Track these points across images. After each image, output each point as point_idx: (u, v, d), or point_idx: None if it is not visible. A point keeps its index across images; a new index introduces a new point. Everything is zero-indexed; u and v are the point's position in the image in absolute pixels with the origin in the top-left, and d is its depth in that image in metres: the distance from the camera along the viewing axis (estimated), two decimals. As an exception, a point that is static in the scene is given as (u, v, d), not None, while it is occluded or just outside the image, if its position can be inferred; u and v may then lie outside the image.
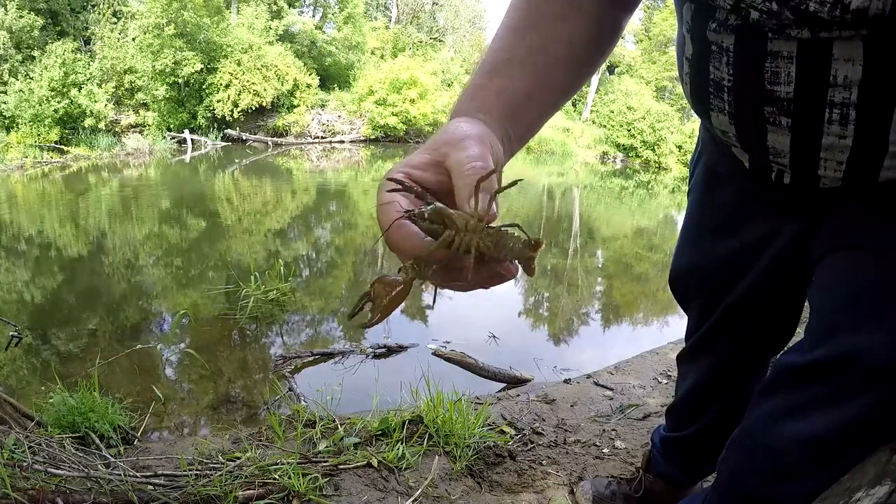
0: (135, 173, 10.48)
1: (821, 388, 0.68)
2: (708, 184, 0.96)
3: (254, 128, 15.61)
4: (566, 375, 2.49)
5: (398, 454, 1.57)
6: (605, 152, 16.18)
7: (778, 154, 0.66)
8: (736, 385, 1.10)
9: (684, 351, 1.16)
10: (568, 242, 5.95)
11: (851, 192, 0.67)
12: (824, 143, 0.60)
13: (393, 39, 22.34)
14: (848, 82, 0.55)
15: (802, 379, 0.70)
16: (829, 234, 0.74)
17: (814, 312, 0.75)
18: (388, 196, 0.45)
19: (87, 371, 2.23)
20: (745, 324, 0.98)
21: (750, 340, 1.01)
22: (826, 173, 0.64)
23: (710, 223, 0.97)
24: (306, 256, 5.22)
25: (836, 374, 0.66)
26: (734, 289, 0.95)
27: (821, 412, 0.68)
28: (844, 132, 0.58)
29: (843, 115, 0.57)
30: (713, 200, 0.95)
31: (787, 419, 0.71)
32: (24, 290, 3.87)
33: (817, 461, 0.69)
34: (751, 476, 0.77)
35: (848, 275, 0.69)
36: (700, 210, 1.00)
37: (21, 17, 13.15)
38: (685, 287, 1.07)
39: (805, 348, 0.71)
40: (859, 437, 0.66)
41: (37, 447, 1.44)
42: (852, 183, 0.65)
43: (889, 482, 0.61)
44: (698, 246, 1.01)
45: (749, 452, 0.78)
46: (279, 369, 2.66)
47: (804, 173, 0.67)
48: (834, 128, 0.59)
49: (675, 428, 1.24)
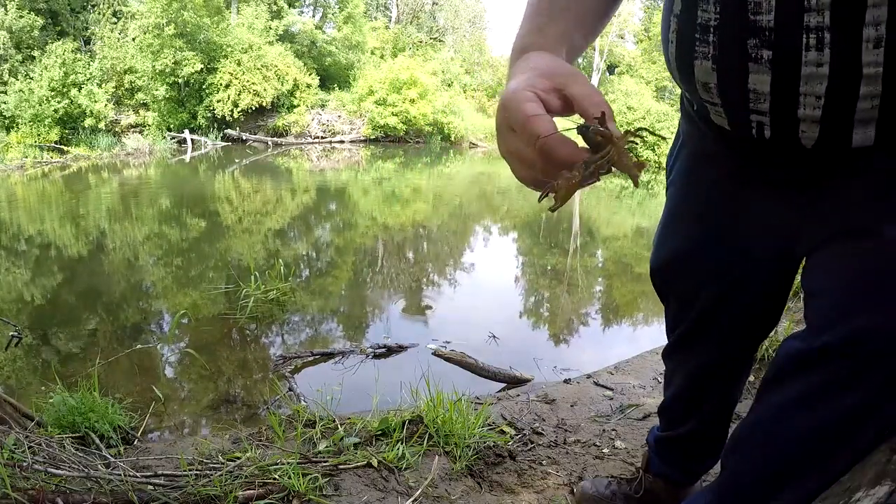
0: (135, 173, 10.48)
1: (831, 373, 0.69)
2: (689, 173, 0.95)
3: (254, 128, 15.62)
4: (566, 375, 2.49)
5: (398, 454, 1.57)
6: (605, 152, 16.17)
7: (758, 99, 0.67)
8: (727, 379, 1.10)
9: (669, 347, 1.14)
10: (568, 242, 5.95)
11: (829, 154, 0.68)
12: (803, 73, 0.62)
13: (393, 39, 22.35)
14: (821, 5, 0.59)
15: (812, 365, 0.71)
16: (824, 219, 0.74)
17: (814, 298, 0.74)
18: (537, 108, 0.50)
19: (87, 371, 2.23)
20: (732, 314, 0.96)
21: (738, 331, 0.99)
22: (805, 112, 0.65)
23: (692, 211, 0.96)
24: (306, 256, 5.23)
25: (846, 358, 0.67)
26: (720, 277, 0.93)
27: (833, 397, 0.68)
28: (821, 58, 0.61)
29: (818, 38, 0.60)
30: (695, 189, 0.94)
31: (801, 407, 0.71)
32: (24, 290, 3.87)
33: (829, 450, 0.70)
34: (758, 474, 0.77)
35: (852, 260, 0.69)
36: (682, 200, 0.99)
37: (21, 17, 13.16)
38: (667, 278, 1.05)
39: (811, 334, 0.72)
40: (870, 420, 0.67)
41: (37, 447, 1.44)
42: (831, 127, 0.65)
43: (889, 482, 0.61)
44: (680, 235, 0.99)
45: (760, 445, 0.78)
46: (279, 369, 2.66)
47: (784, 121, 0.67)
48: (811, 54, 0.61)
49: (669, 427, 1.23)
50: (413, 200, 8.52)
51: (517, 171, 0.54)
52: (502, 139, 0.54)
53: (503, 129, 0.54)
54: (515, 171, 0.54)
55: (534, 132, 0.48)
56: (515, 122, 0.50)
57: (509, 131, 0.52)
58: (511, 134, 0.52)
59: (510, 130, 0.52)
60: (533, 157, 0.49)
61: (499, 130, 0.55)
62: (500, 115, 0.53)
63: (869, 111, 0.62)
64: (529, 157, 0.50)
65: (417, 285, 4.45)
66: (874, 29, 0.57)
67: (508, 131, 0.52)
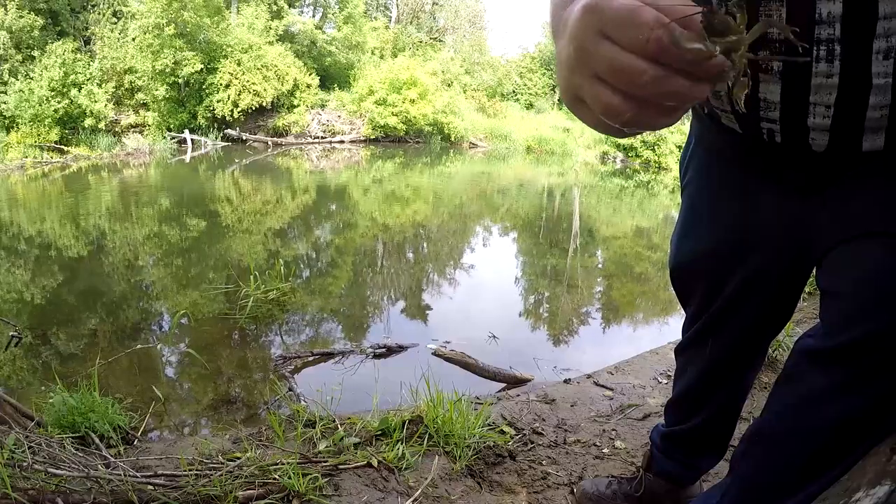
0: (135, 173, 10.48)
1: (846, 373, 0.70)
2: (706, 172, 0.96)
3: (254, 128, 15.61)
4: (566, 375, 2.49)
5: (398, 454, 1.57)
6: (605, 152, 16.15)
7: (769, 107, 0.68)
8: (737, 375, 1.11)
9: (683, 342, 1.15)
10: (568, 242, 5.95)
11: (840, 158, 0.68)
12: (813, 83, 0.63)
13: (393, 39, 22.33)
14: (831, 18, 0.59)
15: (831, 363, 0.72)
16: (840, 220, 0.74)
17: (830, 298, 0.75)
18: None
19: (87, 371, 2.23)
20: (747, 310, 0.97)
21: (752, 327, 1.00)
22: (815, 121, 0.65)
23: (710, 210, 0.97)
24: (306, 256, 5.22)
25: (861, 358, 0.68)
26: (736, 276, 0.94)
27: (848, 397, 0.70)
28: (831, 69, 0.61)
29: (829, 50, 0.61)
30: (712, 188, 0.95)
31: (816, 407, 0.72)
32: (24, 290, 3.87)
33: (843, 449, 0.70)
34: (773, 473, 0.77)
35: (868, 262, 0.70)
36: (699, 199, 1.00)
37: (21, 17, 13.15)
38: (686, 277, 1.06)
39: (829, 333, 0.72)
40: (885, 420, 0.69)
41: (37, 447, 1.44)
42: (841, 135, 0.65)
43: (889, 482, 0.61)
44: (698, 235, 1.00)
45: (775, 444, 0.78)
46: (279, 369, 2.66)
47: (794, 128, 0.68)
48: (822, 66, 0.62)
49: (677, 422, 1.24)
50: (413, 200, 8.52)
51: (604, 103, 0.39)
52: (586, 59, 0.39)
53: (590, 43, 0.39)
54: (602, 103, 0.39)
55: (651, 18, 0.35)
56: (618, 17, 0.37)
57: (601, 40, 0.38)
58: (604, 44, 0.38)
59: (602, 38, 0.38)
60: (639, 65, 0.36)
61: (580, 49, 0.39)
62: (586, 23, 0.39)
63: (878, 120, 0.62)
64: (635, 66, 0.36)
65: (417, 285, 4.45)
66: (885, 41, 0.58)
67: (600, 42, 0.38)
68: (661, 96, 0.37)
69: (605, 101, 0.39)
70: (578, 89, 0.41)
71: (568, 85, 0.42)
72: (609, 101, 0.38)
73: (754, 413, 1.81)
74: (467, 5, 26.03)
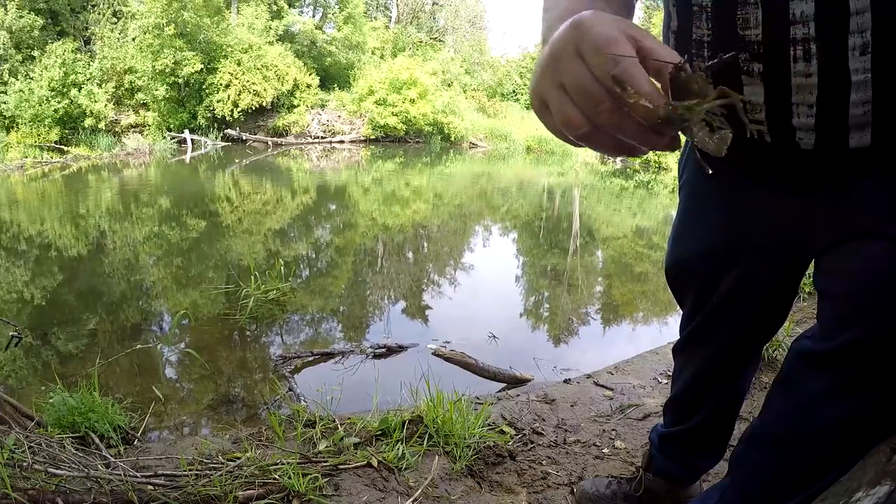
0: (135, 173, 10.48)
1: (843, 375, 0.70)
2: (702, 174, 0.96)
3: (254, 128, 15.61)
4: (566, 375, 2.49)
5: (398, 454, 1.57)
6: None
7: (755, 109, 0.69)
8: (734, 375, 1.11)
9: (680, 342, 1.16)
10: (568, 242, 5.95)
11: (830, 156, 0.69)
12: (793, 83, 0.64)
13: (393, 39, 22.33)
14: (805, 17, 0.60)
15: (827, 366, 0.72)
16: (835, 220, 0.74)
17: (827, 299, 0.75)
18: (622, 36, 0.42)
19: (87, 371, 2.23)
20: (741, 310, 0.98)
21: (747, 327, 1.01)
22: (800, 121, 0.66)
23: (706, 210, 0.97)
24: (306, 256, 5.22)
25: (858, 360, 0.68)
26: (732, 275, 0.94)
27: (845, 399, 0.70)
28: (809, 68, 0.62)
29: (805, 49, 0.61)
30: (709, 188, 0.95)
31: (813, 409, 0.72)
32: (24, 290, 3.87)
33: (843, 450, 0.70)
34: (773, 474, 0.77)
35: (864, 263, 0.70)
36: (695, 199, 1.00)
37: (21, 17, 13.16)
38: (682, 277, 1.07)
39: (825, 335, 0.72)
40: (883, 421, 0.69)
41: (37, 447, 1.44)
42: (826, 134, 0.66)
43: (889, 482, 0.61)
44: (694, 234, 1.01)
45: (773, 446, 0.78)
46: (279, 369, 2.66)
47: (781, 129, 0.68)
48: (800, 66, 0.62)
49: (675, 422, 1.24)
50: (413, 200, 8.52)
51: (565, 114, 0.43)
52: (558, 69, 0.43)
53: (565, 55, 0.42)
54: (563, 114, 0.43)
55: (617, 53, 0.39)
56: (595, 42, 0.41)
57: (574, 58, 0.42)
58: (576, 61, 0.42)
59: (576, 57, 0.42)
60: (600, 92, 0.40)
61: (555, 58, 0.43)
62: (567, 37, 0.43)
63: (862, 116, 0.63)
64: (595, 92, 0.40)
65: (417, 285, 4.45)
66: (860, 37, 0.58)
67: (573, 59, 0.42)
68: (614, 128, 0.40)
69: (565, 113, 0.42)
70: (545, 94, 0.44)
71: (537, 88, 0.45)
72: (570, 113, 0.42)
73: (754, 413, 1.81)
74: (467, 5, 26.03)
